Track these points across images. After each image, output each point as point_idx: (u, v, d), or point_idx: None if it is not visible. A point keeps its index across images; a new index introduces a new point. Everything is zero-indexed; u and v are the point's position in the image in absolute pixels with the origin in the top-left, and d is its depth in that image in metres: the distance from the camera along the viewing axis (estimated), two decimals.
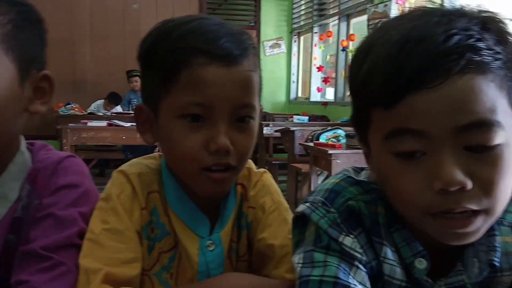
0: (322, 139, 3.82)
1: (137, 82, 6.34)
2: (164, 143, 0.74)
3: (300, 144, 4.07)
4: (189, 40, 0.68)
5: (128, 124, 4.13)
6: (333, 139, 3.81)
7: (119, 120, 4.37)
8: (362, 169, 0.72)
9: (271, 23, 7.21)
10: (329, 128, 4.08)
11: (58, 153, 0.77)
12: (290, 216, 0.79)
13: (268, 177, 0.83)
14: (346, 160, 3.28)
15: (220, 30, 0.69)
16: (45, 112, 0.76)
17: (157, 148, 3.63)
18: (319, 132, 4.01)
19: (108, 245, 0.68)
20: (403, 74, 0.52)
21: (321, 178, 4.21)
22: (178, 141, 0.69)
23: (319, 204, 0.63)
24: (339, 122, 5.38)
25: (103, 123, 4.18)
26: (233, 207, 0.79)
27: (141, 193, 0.74)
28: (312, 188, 3.74)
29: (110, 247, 0.68)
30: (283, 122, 5.51)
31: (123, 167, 0.77)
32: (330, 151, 3.23)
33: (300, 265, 0.61)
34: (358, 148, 3.06)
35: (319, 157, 3.47)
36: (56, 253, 0.65)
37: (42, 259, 0.65)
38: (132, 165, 0.77)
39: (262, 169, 0.83)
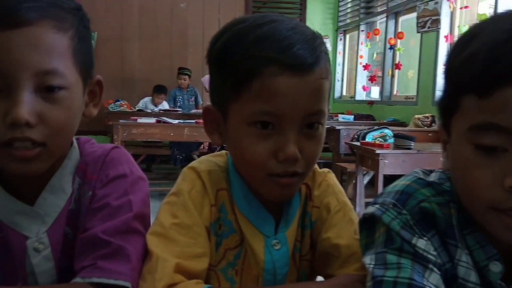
0: (368, 139, 3.77)
1: (185, 81, 6.46)
2: (232, 147, 0.75)
3: (346, 143, 4.04)
4: (262, 48, 0.66)
5: (176, 121, 4.22)
6: (380, 139, 3.76)
7: (167, 117, 4.46)
8: (431, 171, 0.72)
9: (316, 21, 7.14)
10: (375, 127, 4.02)
11: (102, 145, 0.80)
12: (355, 216, 0.79)
13: (332, 177, 0.83)
14: (394, 160, 3.23)
15: (294, 37, 0.67)
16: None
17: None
18: (365, 131, 3.96)
19: (177, 239, 0.70)
20: (506, 63, 0.52)
21: (367, 178, 4.16)
22: (247, 147, 0.70)
23: (390, 205, 0.63)
24: (385, 121, 5.29)
25: (152, 120, 4.28)
26: (298, 207, 0.79)
27: (211, 190, 0.75)
28: (358, 188, 3.72)
29: (180, 241, 0.70)
30: (328, 121, 5.45)
31: (194, 164, 0.79)
32: (378, 151, 3.19)
33: (372, 265, 0.61)
34: (406, 148, 3.01)
35: (366, 157, 3.43)
36: (115, 237, 0.68)
37: (103, 244, 0.67)
38: (202, 162, 0.79)
39: (326, 169, 0.84)
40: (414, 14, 5.12)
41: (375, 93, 6.46)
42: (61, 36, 0.65)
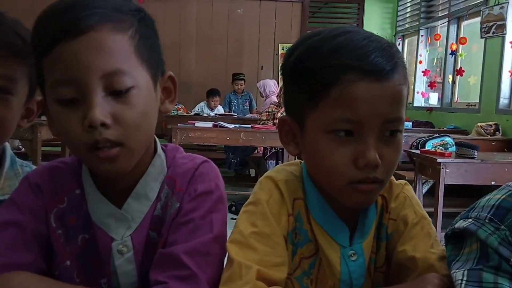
0: (428, 147, 3.66)
1: (241, 86, 6.54)
2: (310, 156, 0.75)
3: (404, 150, 3.94)
4: (339, 56, 0.68)
5: (232, 126, 4.28)
6: (441, 147, 3.63)
7: (223, 121, 4.53)
8: None
9: (374, 26, 7.02)
10: (436, 135, 3.89)
11: (193, 157, 0.81)
12: (433, 229, 0.78)
13: (409, 189, 0.82)
14: (456, 169, 3.12)
15: (370, 45, 0.68)
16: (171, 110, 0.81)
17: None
18: (425, 139, 3.85)
19: (257, 247, 0.71)
20: None
21: (426, 187, 4.03)
22: (326, 155, 0.70)
23: (486, 220, 0.62)
24: (446, 129, 5.12)
25: (209, 124, 4.36)
26: (374, 218, 0.79)
27: (288, 199, 0.77)
28: (417, 197, 3.58)
29: (259, 250, 0.71)
30: None
31: (271, 173, 0.80)
32: (439, 160, 3.09)
33: (464, 282, 0.60)
34: (469, 158, 2.88)
35: (426, 165, 3.33)
36: (194, 260, 0.69)
37: (180, 266, 0.68)
38: (279, 172, 0.80)
39: (402, 181, 0.83)
40: (477, 19, 4.92)
41: (433, 99, 6.26)
42: (121, 37, 0.67)
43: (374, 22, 7.17)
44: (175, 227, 0.73)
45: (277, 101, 4.82)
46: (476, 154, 3.14)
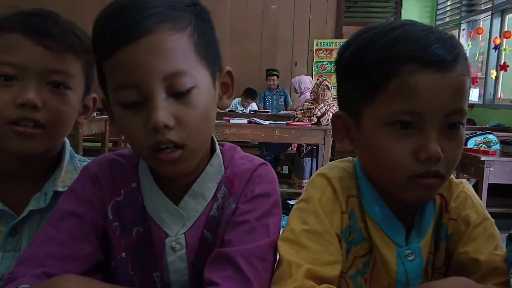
0: (470, 144, 3.54)
1: (274, 81, 6.52)
2: (367, 151, 0.73)
3: None
4: (398, 48, 0.66)
5: (267, 122, 4.26)
6: (484, 145, 3.51)
7: (257, 118, 4.52)
8: None
9: (412, 19, 6.85)
10: (478, 132, 3.77)
11: (251, 158, 0.80)
12: (496, 231, 0.74)
13: (469, 188, 0.78)
14: (501, 168, 3.02)
15: (430, 36, 0.66)
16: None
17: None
18: (467, 136, 3.73)
19: (308, 245, 0.69)
20: None
21: None
22: (385, 149, 0.68)
23: None
24: (488, 126, 4.95)
25: (244, 121, 4.36)
26: (432, 218, 0.76)
27: (341, 196, 0.75)
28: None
29: (311, 248, 0.69)
30: None
31: (324, 170, 0.78)
32: (483, 158, 3.00)
33: None
34: None
35: (468, 164, 3.23)
36: (248, 264, 0.67)
37: (236, 268, 0.67)
38: (332, 169, 0.78)
39: (463, 180, 0.79)
40: None
41: (474, 95, 6.06)
42: (179, 36, 0.65)
43: (413, 16, 6.99)
44: (231, 226, 0.72)
45: (311, 98, 4.77)
46: None
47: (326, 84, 4.59)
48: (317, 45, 7.07)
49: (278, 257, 0.71)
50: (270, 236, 0.71)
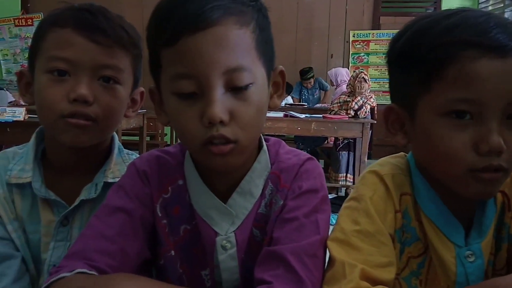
0: None
1: (310, 83, 6.42)
2: (422, 144, 0.70)
3: None
4: (456, 33, 0.63)
5: (303, 116, 4.22)
6: None
7: (293, 111, 4.48)
8: None
9: None
10: None
11: (297, 153, 0.78)
12: None
13: None
14: None
15: (490, 21, 0.63)
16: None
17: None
18: None
19: (360, 246, 0.67)
20: None
21: None
22: (442, 141, 0.65)
23: None
24: None
25: (280, 114, 4.33)
26: (493, 217, 0.72)
27: (395, 194, 0.72)
28: None
29: (363, 249, 0.67)
30: None
31: (375, 167, 0.76)
32: None
33: None
34: None
35: None
36: (301, 262, 0.66)
37: (287, 267, 0.65)
38: (384, 165, 0.76)
39: None
40: None
41: None
42: (244, 31, 0.65)
43: (453, 5, 6.76)
44: (279, 223, 0.71)
45: (347, 91, 4.69)
46: None
47: (363, 77, 4.50)
48: (353, 36, 6.92)
49: (328, 256, 0.69)
50: (320, 232, 0.69)
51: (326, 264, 0.70)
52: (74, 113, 0.80)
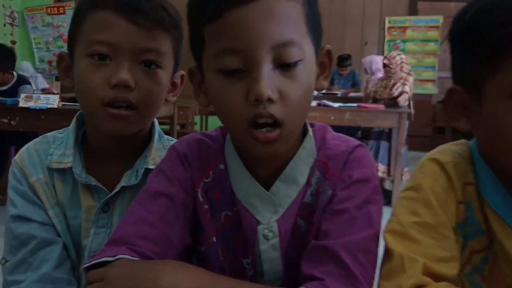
0: None
1: (346, 71, 6.30)
2: (488, 129, 0.65)
3: None
4: None
5: (336, 105, 4.14)
6: None
7: (327, 100, 4.41)
8: None
9: None
10: None
11: (346, 139, 0.74)
12: None
13: None
14: None
15: None
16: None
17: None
18: None
19: (419, 239, 0.63)
20: None
21: None
22: (510, 127, 0.60)
23: None
24: None
25: (313, 103, 4.26)
26: None
27: (457, 184, 0.67)
28: None
29: (422, 242, 0.63)
30: None
31: (435, 154, 0.71)
32: None
33: None
34: None
35: None
36: (352, 258, 0.62)
37: (338, 263, 0.61)
38: (444, 153, 0.71)
39: None
40: None
41: None
42: (294, 4, 0.61)
43: None
44: (328, 214, 0.66)
45: (383, 74, 4.56)
46: None
47: (402, 60, 4.35)
48: (389, 23, 6.75)
49: (384, 248, 0.65)
50: (374, 226, 0.65)
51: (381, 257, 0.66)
52: (115, 100, 0.78)
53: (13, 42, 7.46)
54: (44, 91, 5.40)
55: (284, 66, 0.60)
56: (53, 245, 0.81)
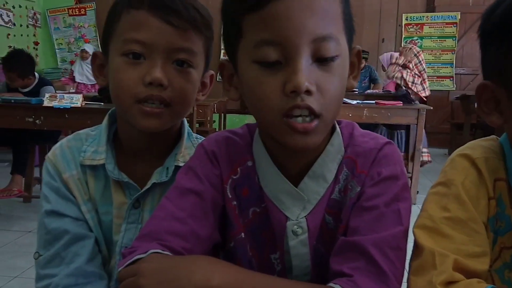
0: None
1: (362, 64, 6.24)
2: None
3: None
4: None
5: (354, 102, 4.12)
6: None
7: (345, 97, 4.37)
8: None
9: None
10: None
11: (374, 136, 0.74)
12: None
13: None
14: None
15: None
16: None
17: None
18: None
19: (450, 234, 0.63)
20: None
21: None
22: None
23: None
24: None
25: None
26: None
27: (488, 180, 0.67)
28: None
29: (454, 237, 0.63)
30: None
31: (465, 150, 0.71)
32: None
33: None
34: None
35: None
36: (383, 254, 0.62)
37: (368, 259, 0.61)
38: (475, 148, 0.71)
39: None
40: None
41: None
42: (333, 0, 0.62)
43: None
44: (357, 211, 0.67)
45: (400, 64, 4.51)
46: None
47: (417, 51, 4.32)
48: (406, 19, 6.69)
49: (414, 244, 0.66)
50: (403, 223, 0.65)
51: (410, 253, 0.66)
52: (149, 97, 0.80)
53: (36, 43, 7.60)
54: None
55: (322, 60, 0.61)
56: (85, 240, 0.82)
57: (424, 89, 4.37)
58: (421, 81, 4.35)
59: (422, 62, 4.42)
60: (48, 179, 0.86)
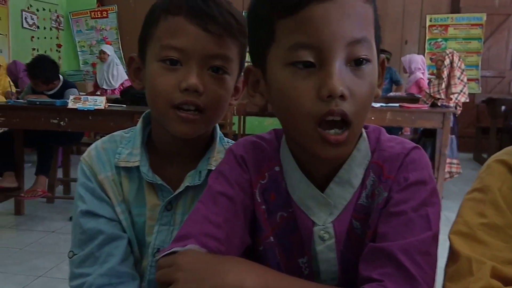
0: None
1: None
2: None
3: None
4: None
5: (378, 105, 4.06)
6: None
7: None
8: None
9: None
10: None
11: (401, 141, 0.73)
12: None
13: None
14: None
15: None
16: None
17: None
18: None
19: (487, 241, 0.63)
20: None
21: None
22: None
23: None
24: None
25: None
26: None
27: None
28: None
29: (491, 244, 0.63)
30: None
31: (502, 156, 0.71)
32: None
33: None
34: None
35: None
36: (412, 260, 0.61)
37: (397, 265, 0.61)
38: (510, 154, 0.70)
39: None
40: None
41: None
42: (369, 6, 0.63)
43: None
44: (385, 217, 0.67)
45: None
46: None
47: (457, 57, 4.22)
48: (430, 21, 6.60)
49: (450, 250, 0.66)
50: (432, 228, 0.64)
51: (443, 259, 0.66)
52: (185, 103, 0.81)
53: (59, 46, 7.74)
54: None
55: (355, 64, 0.62)
56: (119, 241, 0.84)
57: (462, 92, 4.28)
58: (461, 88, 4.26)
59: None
60: (83, 180, 0.87)
